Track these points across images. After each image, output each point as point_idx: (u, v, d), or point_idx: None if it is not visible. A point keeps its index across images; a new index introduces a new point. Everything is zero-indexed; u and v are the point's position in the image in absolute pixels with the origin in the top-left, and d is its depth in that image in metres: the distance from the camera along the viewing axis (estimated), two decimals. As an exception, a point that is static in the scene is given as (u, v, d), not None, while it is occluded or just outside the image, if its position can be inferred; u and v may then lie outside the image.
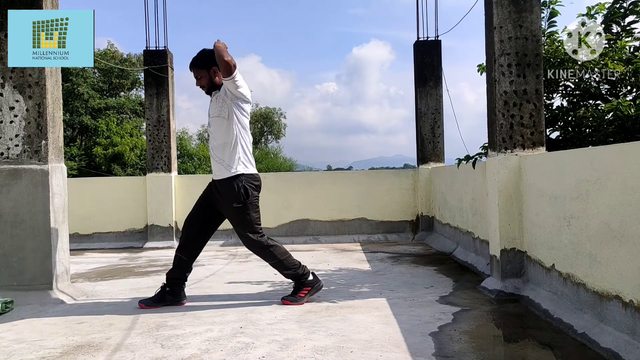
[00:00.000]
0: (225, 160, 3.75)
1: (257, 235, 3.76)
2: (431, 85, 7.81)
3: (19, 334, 3.21)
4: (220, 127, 3.77)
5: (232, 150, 3.74)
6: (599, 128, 4.28)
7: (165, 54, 7.86)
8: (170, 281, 3.87)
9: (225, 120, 3.75)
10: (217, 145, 3.80)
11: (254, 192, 3.75)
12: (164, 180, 7.74)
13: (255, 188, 3.79)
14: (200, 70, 3.81)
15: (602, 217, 2.74)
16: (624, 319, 2.55)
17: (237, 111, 3.75)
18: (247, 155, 3.80)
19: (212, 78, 3.81)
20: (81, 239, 7.72)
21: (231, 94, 3.71)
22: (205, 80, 3.82)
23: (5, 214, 4.03)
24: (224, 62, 3.55)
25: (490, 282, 4.07)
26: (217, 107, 3.79)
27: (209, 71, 3.79)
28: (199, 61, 3.80)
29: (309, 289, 3.84)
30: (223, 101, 3.76)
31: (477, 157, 4.56)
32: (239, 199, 3.69)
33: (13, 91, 4.07)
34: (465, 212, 5.71)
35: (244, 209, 3.71)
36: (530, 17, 3.97)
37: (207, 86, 3.85)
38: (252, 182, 3.77)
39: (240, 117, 3.78)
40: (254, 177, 3.81)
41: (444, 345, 2.81)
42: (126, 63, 31.53)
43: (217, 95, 3.81)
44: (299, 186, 7.91)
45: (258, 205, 3.81)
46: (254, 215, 3.75)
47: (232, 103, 3.73)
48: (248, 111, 3.86)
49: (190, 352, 2.79)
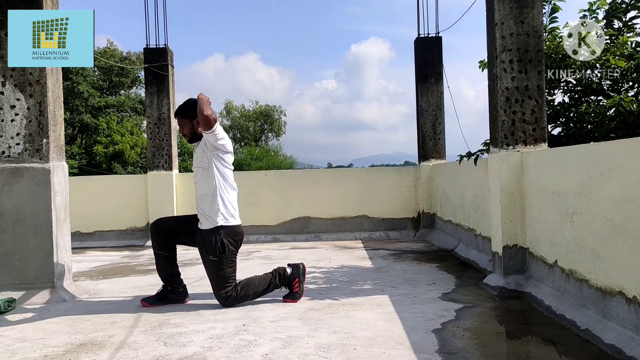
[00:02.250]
0: (205, 211, 3.74)
1: (225, 290, 3.69)
2: (432, 82, 7.80)
3: (22, 332, 3.22)
4: (202, 178, 3.78)
5: (212, 201, 3.72)
6: (601, 124, 4.28)
7: (165, 52, 7.85)
8: (166, 281, 3.88)
9: (205, 171, 3.75)
10: (199, 195, 3.81)
11: (231, 247, 3.71)
12: (165, 179, 7.74)
13: (234, 243, 3.74)
14: (184, 120, 3.82)
15: (605, 213, 2.74)
16: (627, 315, 2.55)
17: (217, 162, 3.74)
18: (227, 207, 3.75)
19: (195, 128, 3.82)
20: (83, 237, 7.73)
21: (211, 145, 3.70)
22: (187, 129, 3.84)
23: (7, 212, 4.03)
24: (204, 116, 3.56)
25: (493, 278, 4.07)
26: (198, 157, 3.80)
27: (192, 121, 3.81)
28: (184, 111, 3.81)
29: (297, 280, 3.86)
30: (203, 152, 3.76)
31: (479, 154, 4.56)
32: (215, 253, 3.66)
33: (14, 89, 4.07)
34: (467, 209, 5.71)
35: (218, 263, 3.67)
36: (531, 13, 3.96)
37: (189, 135, 3.86)
38: (231, 236, 3.72)
39: (221, 168, 3.76)
40: (234, 230, 3.75)
41: (447, 342, 2.81)
42: (126, 61, 31.50)
43: (198, 145, 3.83)
44: (300, 184, 7.90)
45: (234, 260, 3.76)
46: (228, 271, 3.69)
47: (212, 154, 3.73)
48: (230, 162, 3.84)
49: (193, 350, 2.79)
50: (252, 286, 3.77)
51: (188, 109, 3.79)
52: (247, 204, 7.62)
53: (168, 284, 3.88)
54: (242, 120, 45.52)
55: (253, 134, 45.42)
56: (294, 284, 3.85)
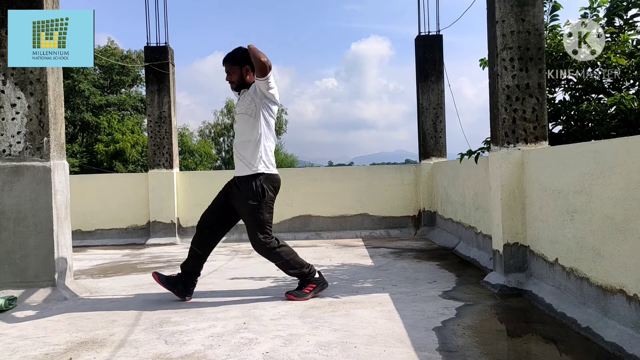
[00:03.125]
0: (246, 157, 3.79)
1: (265, 236, 3.76)
2: (433, 80, 7.79)
3: (23, 330, 3.22)
4: (246, 125, 3.82)
5: (254, 148, 3.78)
6: (602, 122, 4.27)
7: (166, 50, 7.85)
8: (184, 273, 3.94)
9: (251, 119, 3.79)
10: (240, 142, 3.86)
11: (270, 193, 3.77)
12: (165, 177, 7.74)
13: (273, 189, 3.81)
14: (233, 67, 3.86)
15: (605, 211, 2.74)
16: (628, 313, 2.55)
17: (264, 111, 3.80)
18: (268, 155, 3.83)
19: (244, 76, 3.87)
20: (84, 235, 7.74)
21: (261, 93, 3.75)
22: (236, 77, 3.88)
23: (7, 211, 4.03)
24: (260, 63, 3.60)
25: (493, 276, 4.07)
26: (245, 104, 3.84)
27: (242, 69, 3.85)
28: (234, 58, 3.86)
29: (314, 286, 3.85)
30: (252, 99, 3.80)
31: (480, 152, 4.55)
32: (255, 197, 3.72)
33: (14, 88, 4.07)
34: (467, 207, 5.71)
35: (257, 208, 3.72)
36: (532, 11, 3.96)
37: (236, 83, 3.90)
38: (271, 183, 3.79)
39: (267, 117, 3.83)
40: (274, 178, 3.83)
41: (448, 340, 2.81)
42: (126, 60, 31.51)
43: (246, 93, 3.86)
44: (301, 182, 7.90)
45: (272, 207, 3.82)
46: (267, 216, 3.76)
47: (261, 102, 3.78)
48: (275, 112, 3.91)
49: (194, 348, 2.79)
50: (287, 252, 3.82)
51: (239, 56, 3.84)
52: (248, 203, 7.62)
53: (184, 277, 3.94)
54: (242, 118, 45.42)
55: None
56: (309, 286, 3.84)
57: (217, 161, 43.18)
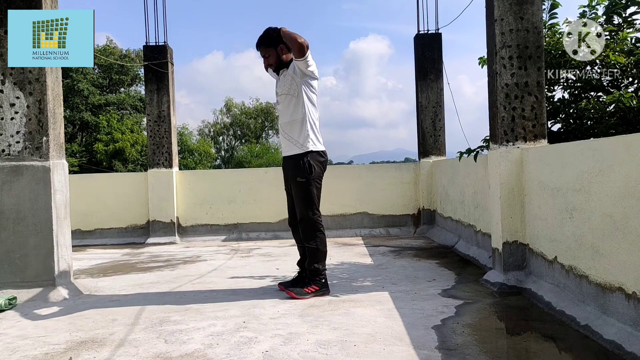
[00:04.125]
0: (294, 137, 3.84)
1: (314, 212, 3.85)
2: (432, 78, 7.79)
3: (23, 330, 3.22)
4: (289, 105, 3.86)
5: (301, 127, 3.82)
6: (601, 120, 4.27)
7: (165, 49, 7.84)
8: (303, 269, 4.04)
9: (294, 98, 3.83)
10: (286, 122, 3.89)
11: (317, 169, 3.83)
12: (165, 176, 7.74)
13: (321, 164, 3.88)
14: (268, 49, 3.89)
15: (604, 209, 2.74)
16: (627, 311, 2.55)
17: (306, 88, 3.84)
18: (315, 132, 3.88)
19: (280, 56, 3.90)
20: (83, 235, 7.74)
21: (301, 72, 3.78)
22: (273, 59, 3.91)
23: (7, 210, 4.03)
24: (298, 44, 3.64)
25: (493, 275, 4.08)
26: (286, 85, 3.86)
27: (277, 49, 3.88)
28: (267, 40, 3.89)
29: (317, 288, 3.83)
30: (292, 79, 3.83)
31: (479, 150, 4.56)
32: (304, 174, 3.78)
33: (13, 88, 4.07)
34: (467, 206, 5.71)
35: (307, 184, 3.80)
36: (531, 9, 3.96)
37: (275, 64, 3.93)
38: (318, 158, 3.85)
39: (310, 94, 3.87)
40: (321, 154, 3.89)
41: (447, 338, 2.82)
42: (126, 59, 31.49)
43: (285, 73, 3.89)
44: (300, 181, 7.89)
45: (320, 183, 3.90)
46: (315, 192, 3.84)
47: (302, 81, 3.81)
48: (316, 87, 3.94)
49: (194, 347, 2.79)
50: (325, 244, 3.93)
51: (271, 37, 3.86)
52: (248, 201, 7.63)
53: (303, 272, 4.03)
54: (242, 117, 45.53)
55: (254, 131, 45.43)
56: (313, 287, 3.81)
57: (216, 160, 43.18)
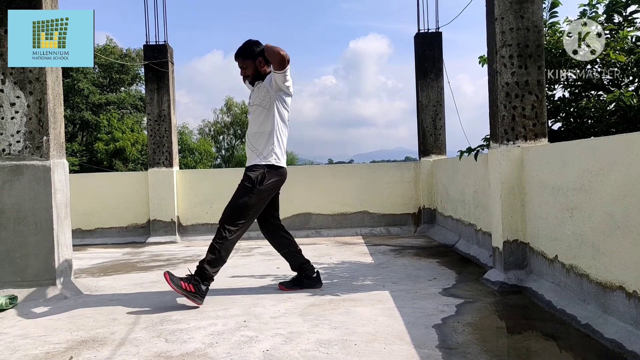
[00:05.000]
0: (258, 149, 3.82)
1: (232, 227, 3.67)
2: (432, 77, 7.79)
3: (24, 329, 3.23)
4: (259, 116, 3.85)
5: (267, 140, 3.82)
6: (601, 119, 4.27)
7: (165, 49, 7.84)
8: (298, 270, 4.10)
9: (265, 110, 3.82)
10: (253, 133, 3.88)
11: (268, 185, 3.77)
12: (165, 175, 7.74)
13: (275, 182, 3.84)
14: (246, 61, 3.89)
15: (605, 207, 2.74)
16: (627, 310, 2.55)
17: (278, 103, 3.83)
18: (280, 147, 3.88)
19: (258, 68, 3.89)
20: (84, 234, 7.74)
21: (277, 86, 3.77)
22: (250, 71, 3.90)
23: (7, 210, 4.03)
24: (279, 56, 3.62)
25: (493, 273, 4.08)
26: (259, 96, 3.86)
27: (255, 61, 3.87)
28: (246, 52, 3.89)
29: (192, 290, 3.57)
30: (266, 91, 3.82)
31: (479, 149, 4.55)
32: (252, 182, 3.74)
33: (14, 87, 4.07)
34: (467, 205, 5.71)
35: (247, 192, 3.72)
36: (531, 8, 3.95)
37: (252, 76, 3.92)
38: (275, 176, 3.83)
39: (281, 110, 3.86)
40: (279, 170, 3.87)
41: (448, 337, 2.82)
42: (126, 58, 31.48)
43: (261, 85, 3.88)
44: (301, 180, 7.90)
45: (263, 202, 3.82)
46: (251, 203, 3.71)
47: (276, 95, 3.81)
48: (289, 104, 3.94)
49: (195, 347, 2.80)
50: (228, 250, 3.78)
51: (251, 50, 3.86)
52: (248, 201, 7.62)
53: (301, 272, 4.08)
54: (243, 116, 45.49)
55: (254, 130, 45.36)
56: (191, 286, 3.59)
57: (217, 159, 43.18)
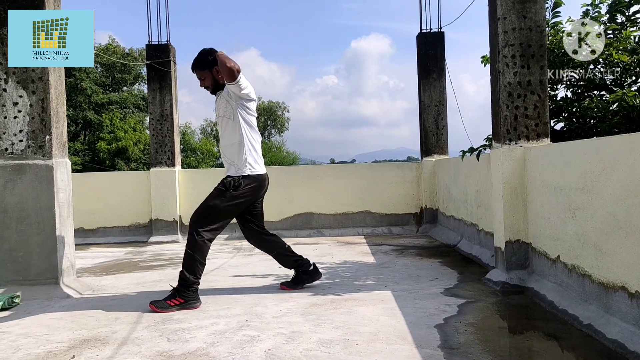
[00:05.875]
0: (234, 160, 3.77)
1: (200, 230, 3.61)
2: (434, 77, 7.78)
3: (26, 328, 3.23)
4: (227, 128, 3.79)
5: (239, 150, 3.75)
6: (604, 119, 4.26)
7: (167, 48, 7.85)
8: (294, 268, 4.11)
9: (230, 121, 3.76)
10: (225, 145, 3.83)
11: (242, 192, 3.70)
12: (168, 175, 7.75)
13: (252, 190, 3.75)
14: (203, 72, 3.78)
15: (607, 208, 2.73)
16: (630, 310, 2.55)
17: (242, 111, 3.76)
18: (253, 155, 3.79)
19: (216, 77, 3.79)
20: (86, 233, 7.75)
21: (235, 95, 3.71)
22: (209, 81, 3.81)
23: (10, 209, 4.04)
24: (227, 69, 3.54)
25: (495, 274, 4.07)
26: (222, 107, 3.80)
27: (212, 71, 3.77)
28: (201, 63, 3.78)
29: (182, 301, 3.54)
30: (227, 102, 3.76)
31: (482, 149, 4.55)
32: (226, 184, 3.70)
33: (16, 86, 4.08)
34: (469, 204, 5.70)
35: (219, 194, 3.68)
36: (534, 8, 3.95)
37: (211, 86, 3.84)
38: (251, 184, 3.74)
39: (246, 117, 3.78)
40: (255, 177, 3.77)
41: (450, 337, 2.82)
42: (128, 58, 31.50)
43: (221, 95, 3.82)
44: (303, 180, 7.90)
45: (234, 209, 3.73)
46: (222, 207, 3.65)
47: (237, 104, 3.74)
48: (254, 109, 3.85)
49: (197, 346, 2.80)
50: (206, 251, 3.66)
51: (206, 60, 3.76)
52: (250, 200, 7.62)
53: (297, 269, 4.09)
54: (245, 116, 45.53)
55: (256, 130, 45.46)
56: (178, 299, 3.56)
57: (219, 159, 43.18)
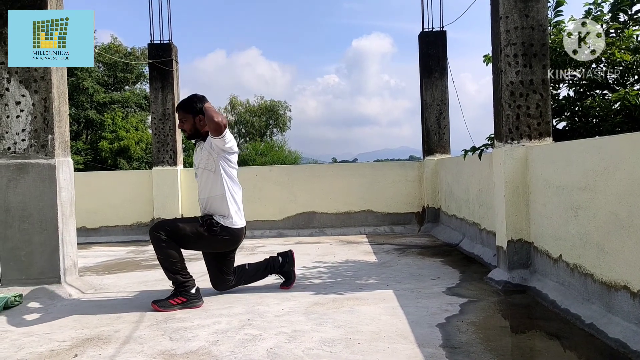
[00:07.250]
0: (216, 212, 3.73)
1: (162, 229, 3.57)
2: (436, 76, 7.77)
3: (29, 327, 3.24)
4: (208, 180, 3.73)
5: (221, 203, 3.71)
6: (606, 118, 4.25)
7: (169, 48, 7.85)
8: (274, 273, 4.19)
9: (212, 174, 3.71)
10: (205, 197, 3.77)
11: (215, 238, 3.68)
12: (170, 174, 7.76)
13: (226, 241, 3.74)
14: (187, 115, 3.75)
15: (609, 207, 2.73)
16: (632, 309, 2.54)
17: (224, 164, 3.71)
18: (235, 208, 3.76)
19: (197, 126, 3.76)
20: (88, 232, 7.77)
21: (219, 148, 3.65)
22: (188, 125, 3.77)
23: (13, 208, 4.05)
24: (215, 123, 3.50)
25: (497, 273, 4.07)
26: (203, 159, 3.74)
27: (195, 118, 3.74)
28: (188, 106, 3.75)
29: (184, 300, 3.58)
30: (209, 154, 3.70)
31: (484, 148, 4.54)
32: (206, 224, 3.65)
33: (19, 86, 4.09)
34: (471, 204, 5.70)
35: (193, 224, 3.64)
36: (536, 7, 3.94)
37: (189, 132, 3.79)
38: (228, 235, 3.71)
39: (228, 170, 3.74)
40: (235, 233, 3.76)
41: (451, 336, 2.82)
42: (130, 57, 31.53)
43: (202, 146, 3.76)
44: (305, 179, 7.90)
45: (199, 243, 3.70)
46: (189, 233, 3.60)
47: (219, 156, 3.68)
48: (235, 161, 3.81)
49: (199, 345, 2.80)
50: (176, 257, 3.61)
51: (193, 105, 3.73)
52: (252, 199, 7.63)
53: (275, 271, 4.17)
54: (247, 115, 45.58)
55: (258, 129, 45.49)
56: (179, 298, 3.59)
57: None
